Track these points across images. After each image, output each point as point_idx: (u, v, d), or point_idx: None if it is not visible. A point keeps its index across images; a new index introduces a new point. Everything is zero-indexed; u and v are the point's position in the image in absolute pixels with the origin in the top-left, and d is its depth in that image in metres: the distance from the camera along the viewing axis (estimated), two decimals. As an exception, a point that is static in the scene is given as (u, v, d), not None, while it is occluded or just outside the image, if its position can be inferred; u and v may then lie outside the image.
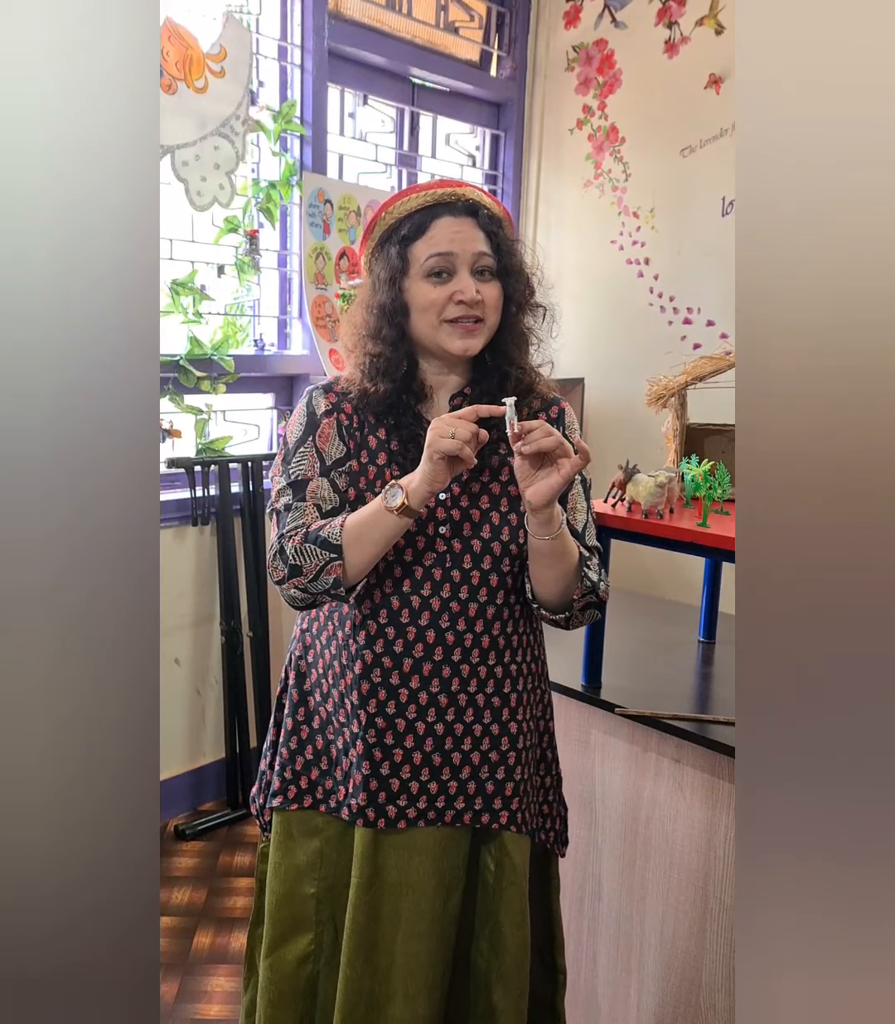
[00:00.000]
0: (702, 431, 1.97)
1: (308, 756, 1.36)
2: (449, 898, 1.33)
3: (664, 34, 3.25)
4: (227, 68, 2.61)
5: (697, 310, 3.25)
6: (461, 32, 3.50)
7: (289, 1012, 1.37)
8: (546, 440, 1.14)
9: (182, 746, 2.87)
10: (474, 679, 1.29)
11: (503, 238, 1.28)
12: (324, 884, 1.36)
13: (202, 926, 2.36)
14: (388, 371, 1.28)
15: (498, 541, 1.27)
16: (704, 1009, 1.70)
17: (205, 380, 2.70)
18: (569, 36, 3.50)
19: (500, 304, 1.28)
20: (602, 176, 3.47)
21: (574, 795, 1.85)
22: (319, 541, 1.21)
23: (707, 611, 2.11)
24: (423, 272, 1.25)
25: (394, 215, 1.28)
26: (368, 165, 3.30)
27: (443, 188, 1.27)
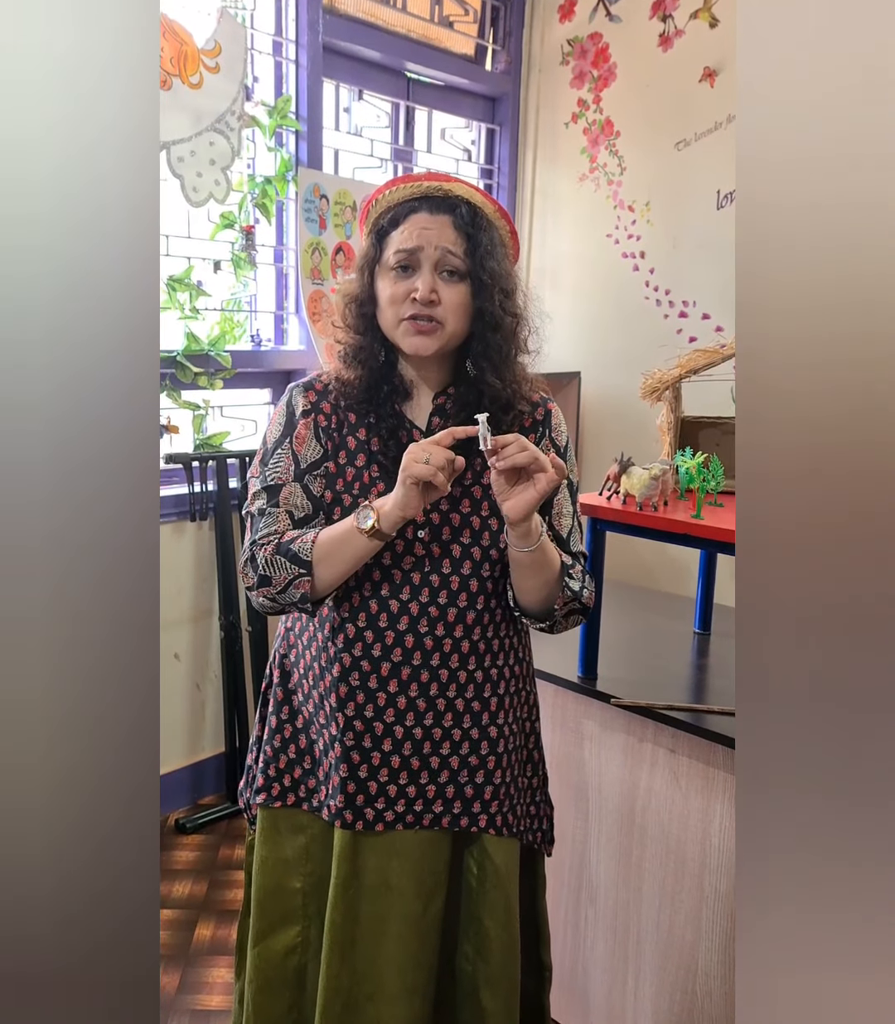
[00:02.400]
0: (696, 424, 1.98)
1: (291, 754, 1.36)
2: (430, 902, 1.32)
3: (658, 27, 3.25)
4: (222, 64, 2.61)
5: (692, 303, 3.26)
6: (456, 26, 3.50)
7: (276, 999, 1.37)
8: (520, 456, 1.12)
9: (182, 740, 2.88)
10: (453, 684, 1.28)
11: (482, 242, 1.22)
12: (311, 879, 1.36)
13: (203, 919, 2.37)
14: (360, 357, 1.27)
15: (478, 546, 1.26)
16: (700, 996, 1.72)
17: (202, 376, 2.71)
18: (564, 30, 3.50)
19: (464, 309, 1.22)
20: (597, 170, 3.47)
21: (570, 785, 1.87)
22: (290, 555, 1.20)
23: (702, 602, 2.12)
24: (390, 265, 1.23)
25: (382, 204, 1.26)
26: (364, 160, 3.30)
27: (430, 182, 1.24)
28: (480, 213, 1.24)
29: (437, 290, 1.21)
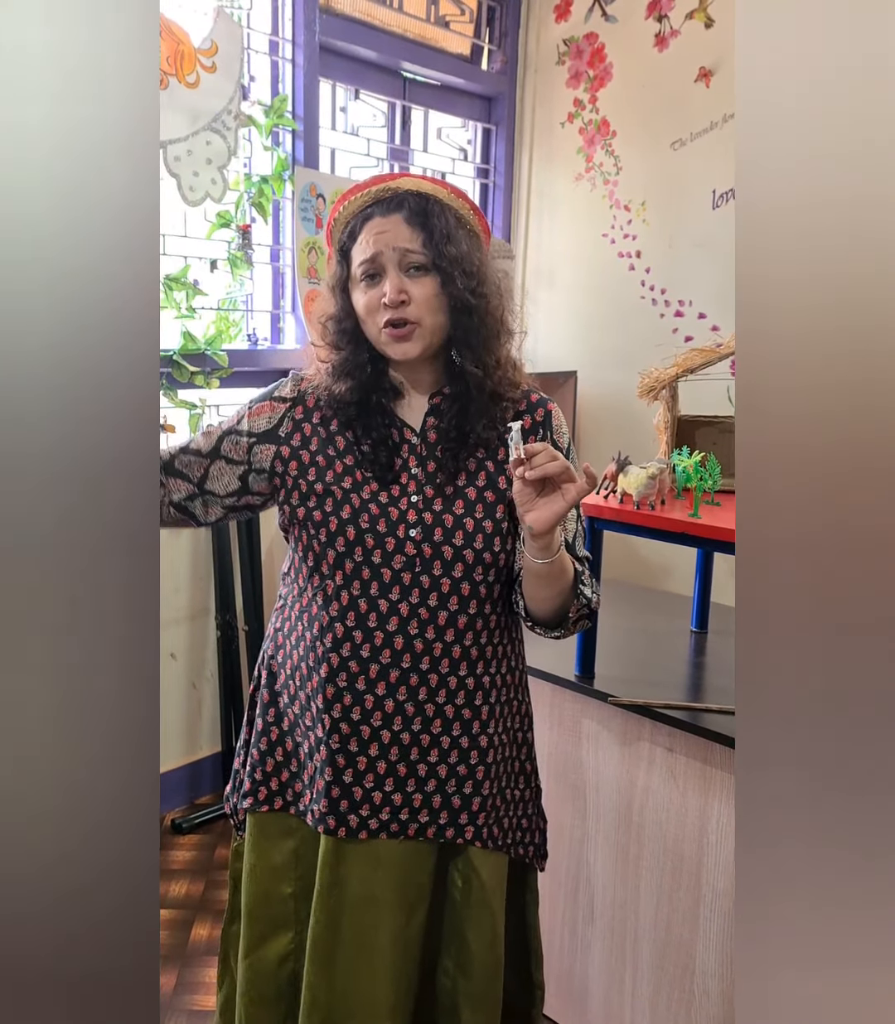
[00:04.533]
0: (693, 423, 1.99)
1: (279, 757, 1.33)
2: (413, 914, 1.28)
3: (654, 27, 3.25)
4: (218, 63, 2.61)
5: (689, 302, 3.26)
6: (452, 26, 3.50)
7: (271, 1011, 1.34)
8: (552, 465, 1.08)
9: (179, 740, 2.88)
10: (443, 689, 1.25)
11: (437, 228, 1.18)
12: (302, 883, 1.33)
13: (200, 918, 2.37)
14: (347, 369, 1.25)
15: (471, 549, 1.22)
16: (698, 995, 1.72)
17: (199, 375, 2.71)
18: (560, 30, 3.50)
19: (437, 301, 1.19)
20: (593, 169, 3.47)
21: (567, 785, 1.87)
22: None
23: (699, 601, 2.13)
24: (357, 277, 1.21)
25: (341, 221, 1.25)
26: (360, 159, 3.30)
27: (377, 185, 1.21)
28: (431, 200, 1.20)
29: (406, 289, 1.18)
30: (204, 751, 2.95)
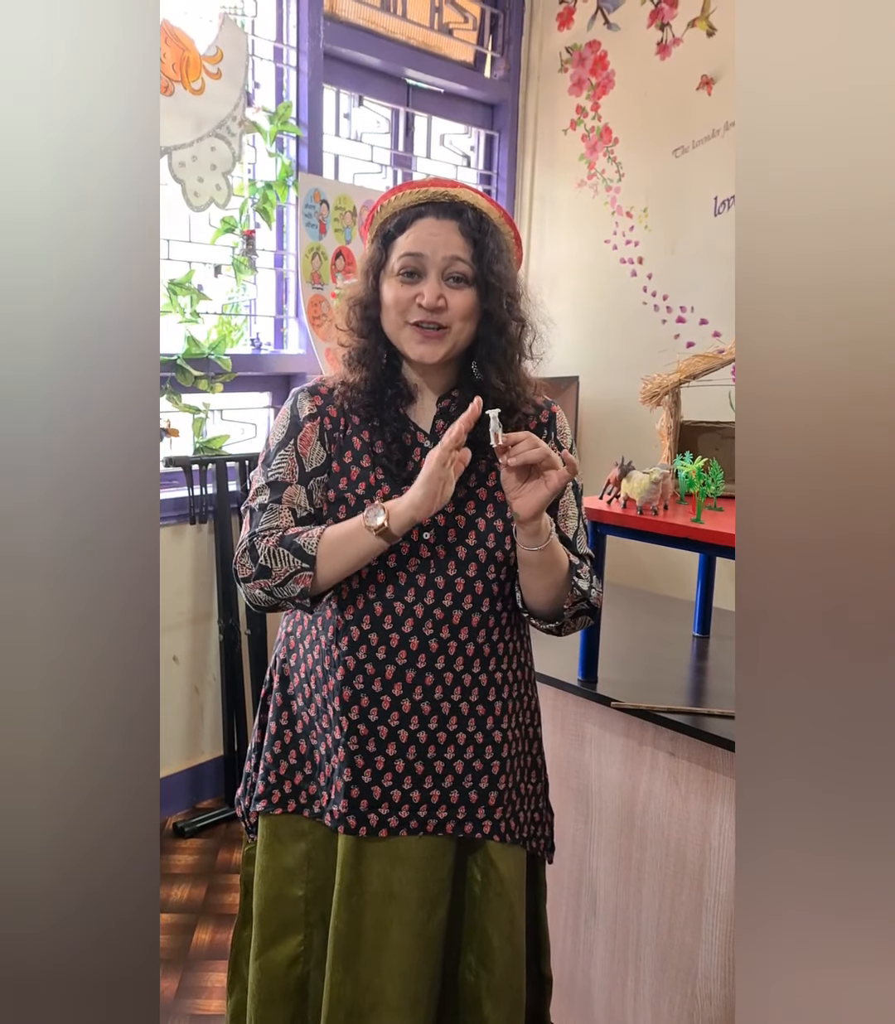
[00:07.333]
0: (696, 428, 1.99)
1: (292, 760, 1.34)
2: (434, 910, 1.30)
3: (656, 35, 3.27)
4: (223, 70, 2.62)
5: (690, 309, 3.27)
6: (455, 33, 3.51)
7: (280, 1012, 1.36)
8: (532, 452, 1.13)
9: (181, 743, 2.88)
10: (458, 687, 1.27)
11: (489, 247, 1.23)
12: (312, 886, 1.34)
13: (201, 923, 2.37)
14: (364, 360, 1.27)
15: (483, 548, 1.25)
16: (700, 999, 1.72)
17: (202, 379, 2.72)
18: (562, 37, 3.52)
19: (471, 313, 1.23)
20: (595, 176, 3.49)
21: (570, 789, 1.87)
22: (293, 548, 1.19)
23: (701, 606, 2.13)
24: (395, 270, 1.23)
25: (388, 210, 1.26)
26: (363, 166, 3.32)
27: (436, 187, 1.24)
28: (486, 218, 1.24)
29: (444, 296, 1.21)
30: (206, 755, 2.95)
